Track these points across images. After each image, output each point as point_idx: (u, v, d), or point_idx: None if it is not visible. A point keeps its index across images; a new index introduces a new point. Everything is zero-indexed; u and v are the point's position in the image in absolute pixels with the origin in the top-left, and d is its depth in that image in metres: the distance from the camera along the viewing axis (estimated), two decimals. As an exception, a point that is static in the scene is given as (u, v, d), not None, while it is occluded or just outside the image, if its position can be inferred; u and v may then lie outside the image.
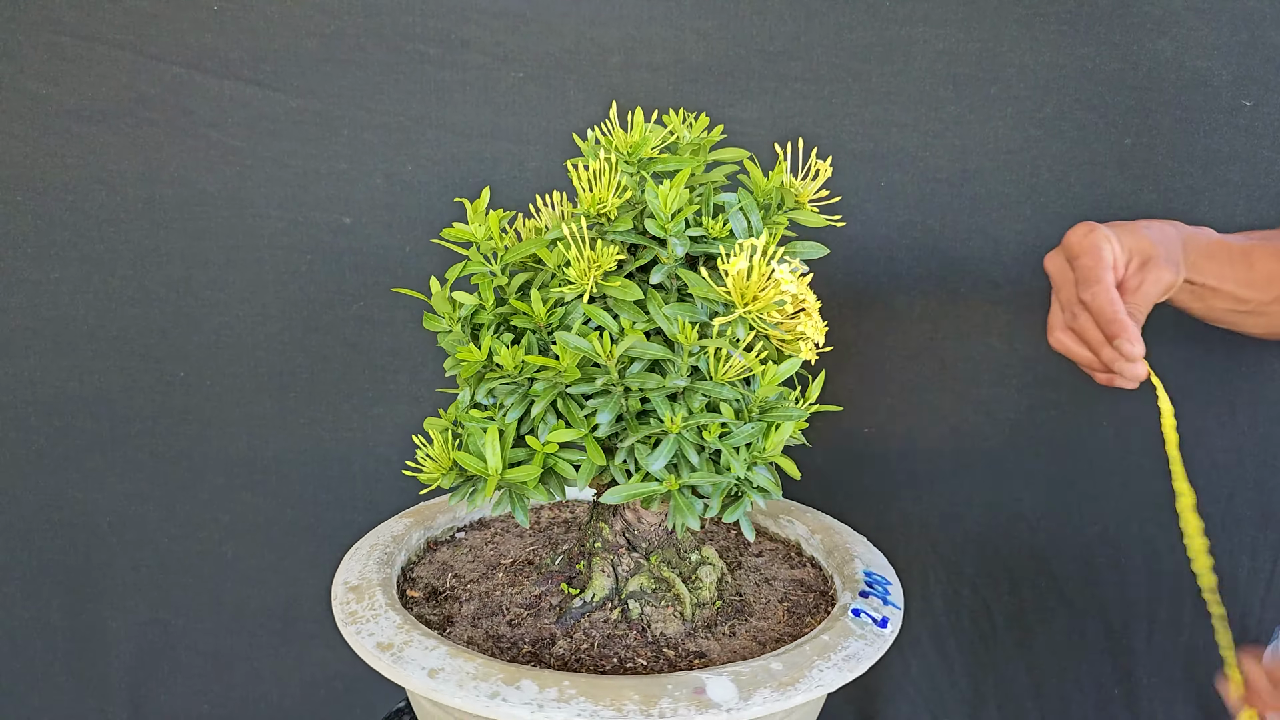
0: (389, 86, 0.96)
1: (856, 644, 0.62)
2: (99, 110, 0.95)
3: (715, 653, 0.64)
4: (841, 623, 0.64)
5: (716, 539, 0.81)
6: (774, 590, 0.73)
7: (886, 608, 0.67)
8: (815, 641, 0.62)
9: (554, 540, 0.76)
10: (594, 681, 0.56)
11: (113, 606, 1.08)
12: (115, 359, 1.01)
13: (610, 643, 0.64)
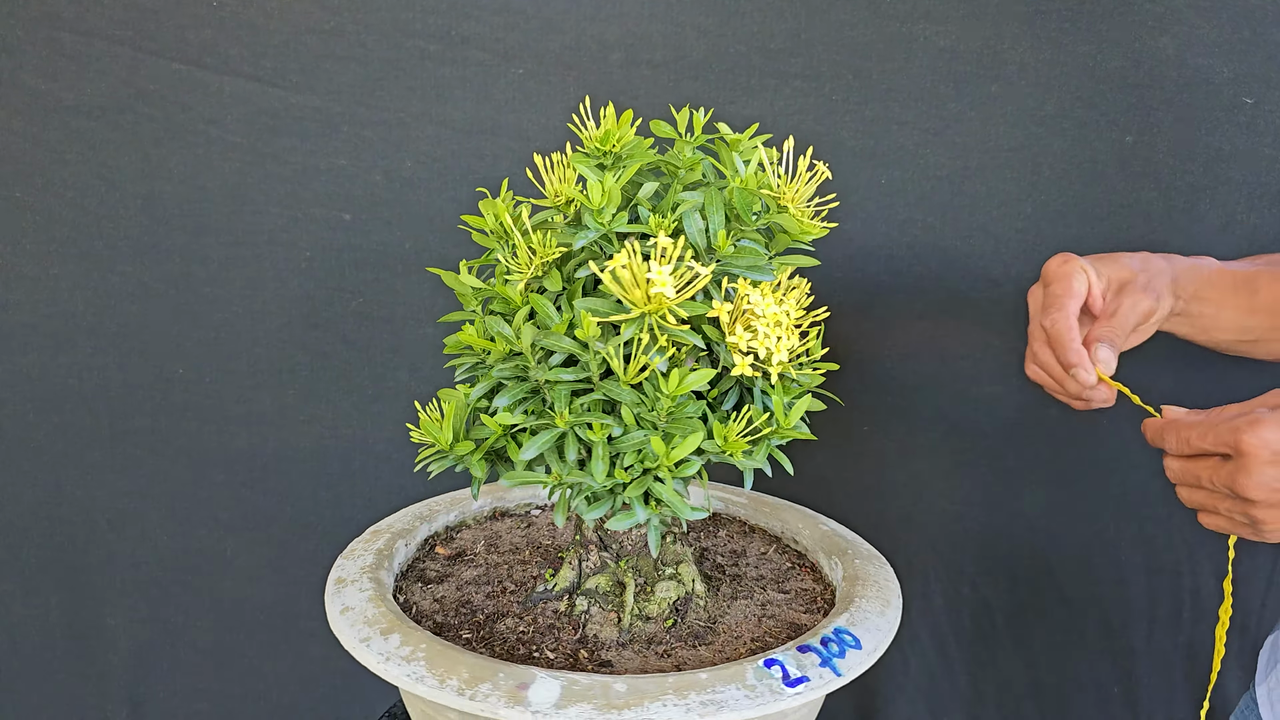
0: (389, 83, 0.96)
1: (733, 693, 0.55)
2: (98, 106, 0.95)
3: (623, 664, 0.62)
4: (746, 667, 0.58)
5: (721, 549, 0.79)
6: (750, 614, 0.68)
7: (822, 668, 0.59)
8: (694, 674, 0.57)
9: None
10: (444, 651, 0.58)
11: (112, 603, 1.08)
12: (114, 355, 1.01)
13: (545, 632, 0.65)
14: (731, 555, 0.78)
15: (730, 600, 0.70)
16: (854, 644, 0.61)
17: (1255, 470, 0.61)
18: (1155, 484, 1.06)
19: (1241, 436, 0.61)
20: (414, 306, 1.01)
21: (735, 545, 0.80)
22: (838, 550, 0.76)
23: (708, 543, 0.80)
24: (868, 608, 0.66)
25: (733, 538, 0.82)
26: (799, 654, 0.59)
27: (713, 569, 0.74)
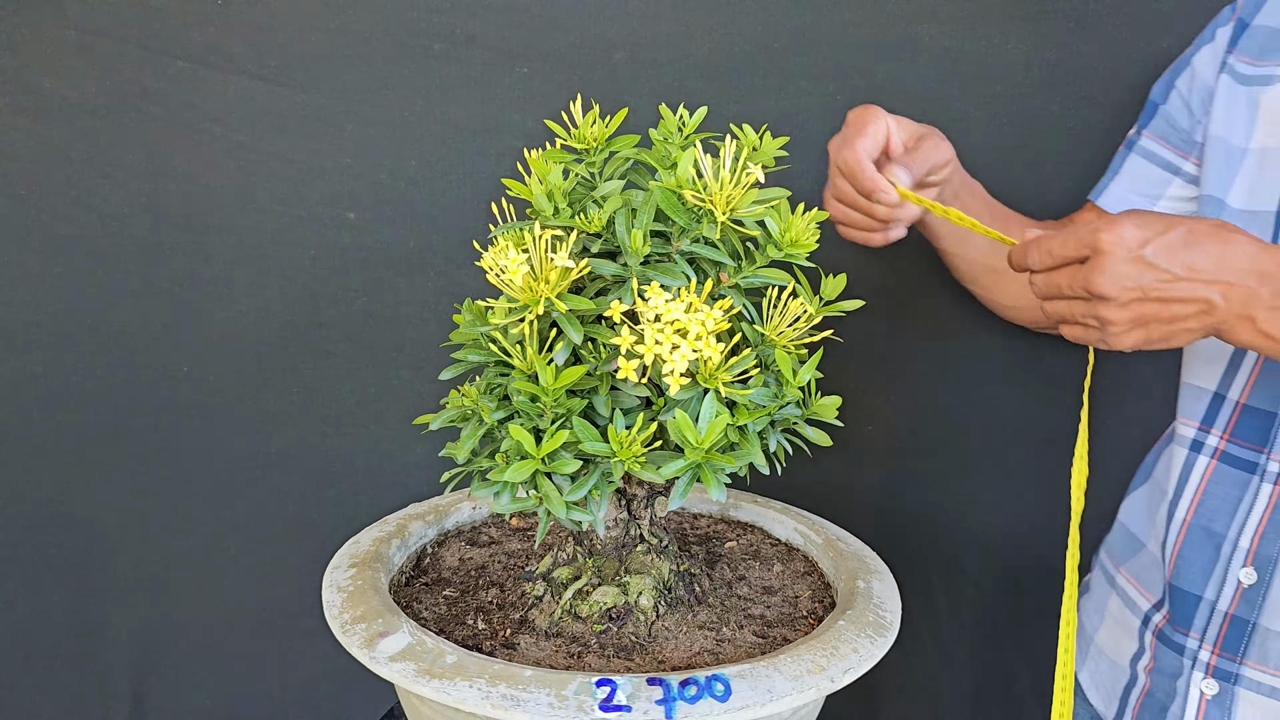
0: (394, 82, 0.96)
1: (540, 698, 0.54)
2: (103, 104, 0.95)
3: (525, 652, 0.62)
4: (576, 679, 0.56)
5: (736, 557, 0.77)
6: (698, 638, 0.65)
7: (658, 705, 0.54)
8: (520, 669, 0.56)
9: None
10: (372, 604, 0.63)
11: (115, 601, 1.07)
12: (119, 354, 1.01)
13: (504, 606, 0.67)
14: (738, 565, 0.75)
15: (687, 618, 0.66)
16: (719, 696, 0.54)
17: (1110, 267, 0.63)
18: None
19: (1099, 235, 0.63)
20: (418, 305, 1.01)
21: (746, 553, 0.77)
22: (849, 575, 0.71)
23: (716, 548, 0.78)
24: (840, 645, 0.59)
25: (753, 547, 0.78)
26: (647, 685, 0.55)
27: (703, 581, 0.70)
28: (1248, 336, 0.65)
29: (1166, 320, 0.65)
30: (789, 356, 0.56)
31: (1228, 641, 0.75)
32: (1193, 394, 0.80)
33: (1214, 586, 0.76)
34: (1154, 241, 0.63)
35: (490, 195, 0.72)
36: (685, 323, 0.53)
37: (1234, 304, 0.64)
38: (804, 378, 0.57)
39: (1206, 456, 0.78)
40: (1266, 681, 0.74)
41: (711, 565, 0.72)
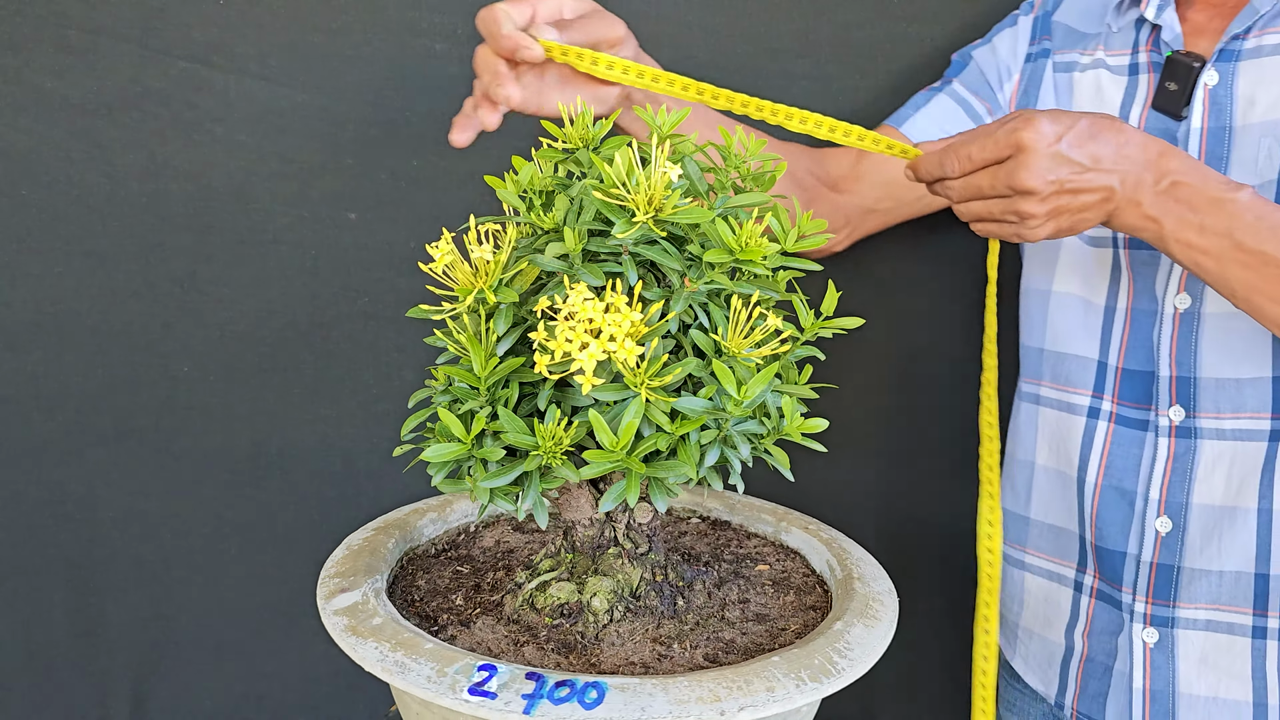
0: (395, 82, 0.96)
1: (420, 669, 0.56)
2: (104, 104, 0.95)
3: (474, 633, 0.64)
4: (464, 660, 0.57)
5: (726, 558, 0.76)
6: (643, 646, 0.64)
7: (521, 699, 0.54)
8: (423, 643, 0.58)
9: None
10: (354, 555, 0.68)
11: (115, 601, 1.07)
12: (119, 354, 1.01)
13: (489, 589, 0.70)
14: (750, 589, 0.71)
15: (648, 628, 0.64)
16: (587, 703, 0.53)
17: (1035, 162, 0.67)
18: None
19: (1021, 135, 0.67)
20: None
21: (770, 578, 0.73)
22: (846, 586, 0.69)
23: (705, 551, 0.76)
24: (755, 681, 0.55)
25: (785, 574, 0.75)
26: (525, 678, 0.55)
27: (697, 596, 0.68)
28: (1134, 220, 0.71)
29: (1076, 210, 0.70)
30: (729, 371, 0.54)
31: (1158, 589, 0.80)
32: (1080, 364, 0.85)
33: (1135, 541, 0.81)
34: (1066, 135, 0.68)
35: (492, 195, 0.73)
36: (600, 322, 0.53)
37: (1128, 190, 0.70)
38: (752, 393, 0.54)
39: (1105, 421, 0.84)
40: (1200, 616, 0.79)
41: (720, 584, 0.70)
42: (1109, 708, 0.84)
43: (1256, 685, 0.77)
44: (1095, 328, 0.85)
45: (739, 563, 0.73)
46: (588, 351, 0.52)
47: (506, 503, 0.59)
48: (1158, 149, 0.69)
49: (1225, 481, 0.78)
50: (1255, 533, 0.76)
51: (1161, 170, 0.69)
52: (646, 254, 0.56)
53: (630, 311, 0.53)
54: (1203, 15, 0.81)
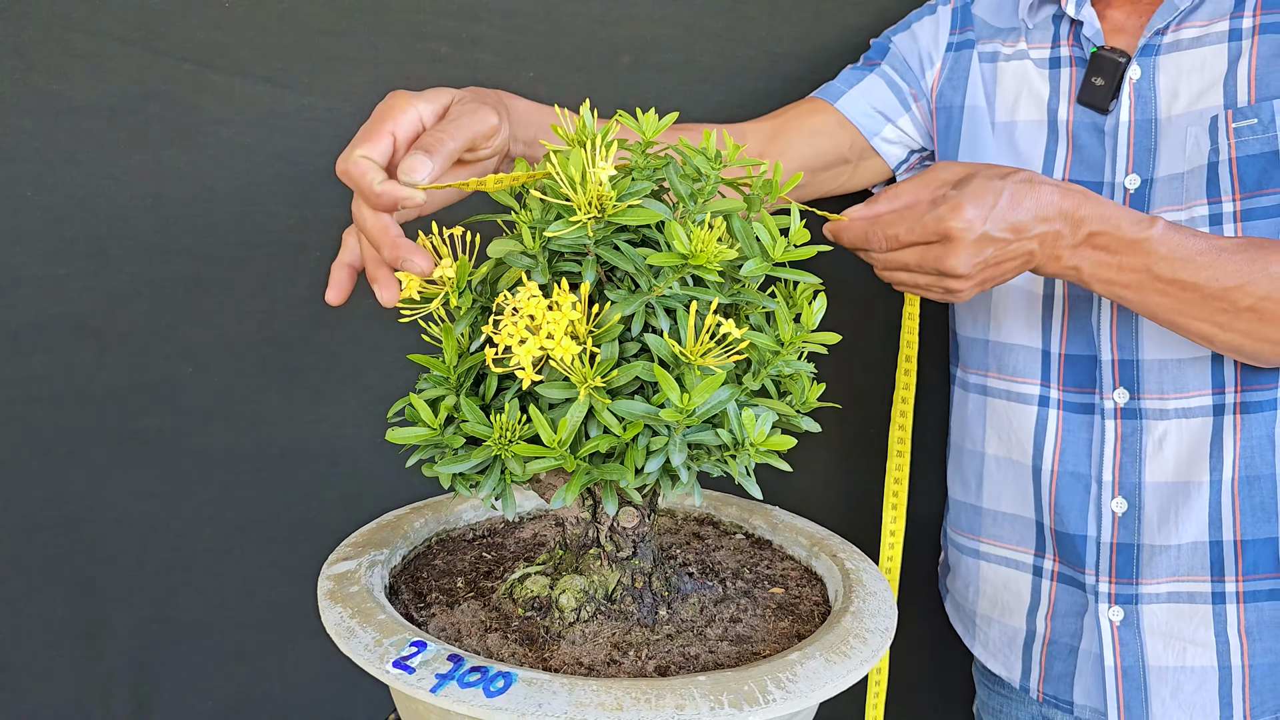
0: (399, 85, 0.93)
1: (362, 637, 0.59)
2: (108, 106, 0.95)
3: (453, 615, 0.67)
4: (400, 636, 0.59)
5: (724, 564, 0.76)
6: (603, 650, 0.63)
7: (436, 677, 0.55)
8: (385, 621, 0.61)
9: None
10: (372, 533, 0.74)
11: (117, 602, 1.07)
12: (123, 355, 1.01)
13: (490, 576, 0.73)
14: (747, 610, 0.70)
15: (616, 632, 0.64)
16: (491, 690, 0.54)
17: (962, 250, 0.71)
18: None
19: (948, 225, 0.70)
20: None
21: (777, 603, 0.72)
22: (838, 618, 0.66)
23: (732, 567, 0.75)
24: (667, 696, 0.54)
25: (794, 601, 0.73)
26: (447, 660, 0.56)
27: (685, 609, 0.68)
28: (1055, 269, 0.75)
29: (999, 276, 0.74)
30: (669, 376, 0.53)
31: (1120, 568, 0.83)
32: (1024, 354, 0.88)
33: (1093, 523, 0.84)
34: (990, 216, 0.71)
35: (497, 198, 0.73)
36: (541, 319, 0.54)
37: (1047, 248, 0.74)
38: (696, 402, 0.52)
39: (1054, 409, 0.86)
40: (1162, 590, 0.82)
41: (721, 601, 0.69)
42: (1076, 687, 0.86)
43: (1220, 649, 0.80)
44: (1036, 317, 0.87)
45: (757, 583, 0.72)
46: (525, 347, 0.54)
47: (462, 487, 0.61)
48: (1073, 202, 0.72)
49: (1175, 459, 0.81)
50: (1207, 504, 0.80)
51: (1077, 222, 0.72)
52: (604, 255, 0.56)
53: (569, 310, 0.54)
54: (1121, 12, 0.84)
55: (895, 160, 0.95)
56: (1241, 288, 0.72)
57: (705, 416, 0.53)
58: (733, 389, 0.54)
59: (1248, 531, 0.79)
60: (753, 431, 0.54)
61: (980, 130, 0.88)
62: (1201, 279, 0.72)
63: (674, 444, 0.54)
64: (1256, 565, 0.79)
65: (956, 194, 0.71)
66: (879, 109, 0.93)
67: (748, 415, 0.54)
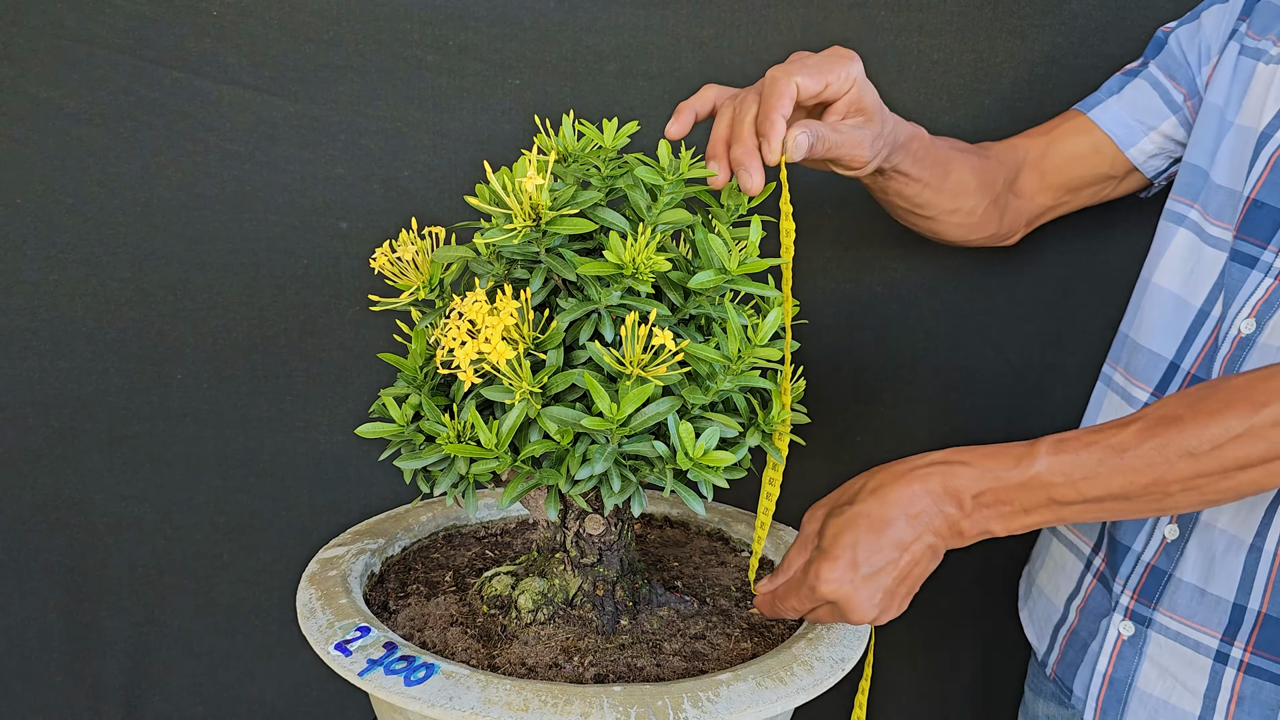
0: (387, 92, 0.96)
1: (318, 620, 0.62)
2: (98, 113, 0.95)
3: (426, 606, 0.69)
4: (349, 620, 0.62)
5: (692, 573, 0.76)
6: (553, 651, 0.63)
7: (367, 663, 0.58)
8: (340, 602, 0.64)
9: None
10: (378, 523, 0.77)
11: (108, 607, 1.08)
12: (113, 361, 1.01)
13: (481, 573, 0.74)
14: (716, 629, 0.69)
15: (570, 637, 0.64)
16: (412, 679, 0.55)
17: (855, 605, 0.65)
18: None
19: (821, 592, 0.65)
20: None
21: (751, 624, 0.71)
22: (794, 642, 0.66)
23: (721, 583, 0.75)
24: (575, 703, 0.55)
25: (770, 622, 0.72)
26: (383, 647, 0.59)
27: (649, 621, 0.67)
28: (973, 537, 0.69)
29: (914, 580, 0.69)
30: (597, 385, 0.53)
31: (1146, 589, 0.81)
32: (1147, 358, 0.83)
33: (1143, 539, 0.81)
34: (859, 559, 0.65)
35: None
36: (481, 323, 0.55)
37: (944, 535, 0.68)
38: (625, 412, 0.52)
39: None
40: (1173, 627, 0.79)
41: (692, 617, 0.68)
42: (1077, 679, 0.86)
43: (1206, 705, 0.78)
44: (1181, 329, 0.81)
45: (741, 603, 0.72)
46: (463, 349, 0.55)
47: (423, 484, 0.63)
48: (938, 480, 0.67)
49: (1234, 507, 0.76)
50: (1243, 564, 0.76)
51: (956, 494, 0.67)
52: (550, 263, 0.57)
53: (507, 316, 0.55)
54: None
55: (1154, 172, 0.90)
56: (1161, 480, 0.64)
57: (641, 427, 0.53)
58: (674, 401, 0.54)
59: (1274, 608, 0.75)
60: (690, 445, 0.53)
61: (1219, 128, 0.81)
62: (1115, 487, 0.65)
63: (601, 453, 0.55)
64: (1272, 645, 0.75)
65: (818, 553, 0.67)
66: (1140, 118, 0.87)
67: (685, 428, 0.54)
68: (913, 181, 0.82)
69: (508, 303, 0.55)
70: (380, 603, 0.70)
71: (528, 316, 0.56)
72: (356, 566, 0.70)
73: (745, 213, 0.61)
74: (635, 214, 0.59)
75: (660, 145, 0.60)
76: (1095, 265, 1.03)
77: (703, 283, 0.55)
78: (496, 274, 0.59)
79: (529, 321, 0.56)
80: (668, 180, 0.59)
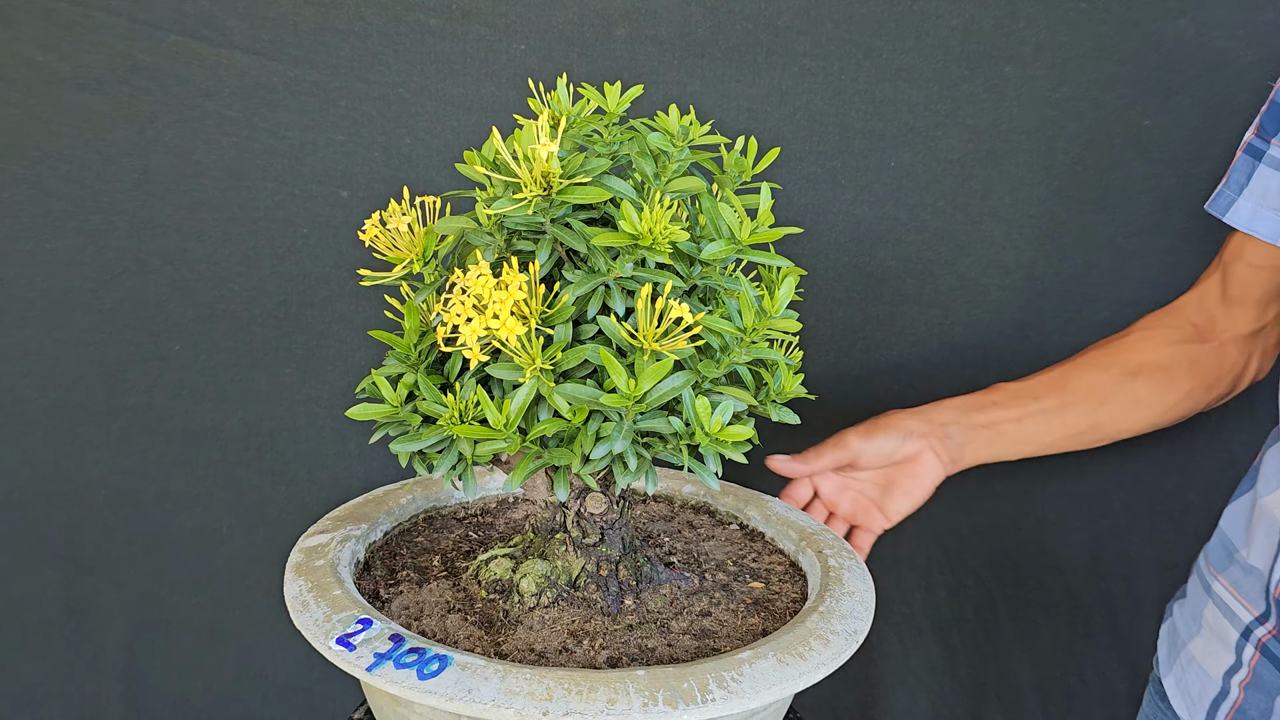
0: (388, 57, 0.94)
1: (314, 612, 0.60)
2: (94, 78, 0.93)
3: (420, 593, 0.67)
4: (347, 614, 0.59)
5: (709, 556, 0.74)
6: (556, 636, 0.62)
7: (378, 656, 0.55)
8: (333, 594, 0.62)
9: None
10: (373, 499, 0.76)
11: (107, 580, 1.07)
12: (110, 331, 1.00)
13: (471, 555, 0.72)
14: (719, 604, 0.67)
15: (576, 620, 0.63)
16: (425, 673, 0.53)
17: None
18: (1170, 478, 1.04)
19: None
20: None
21: (755, 597, 0.69)
22: (803, 618, 0.64)
23: (716, 558, 0.73)
24: (596, 690, 0.52)
25: (773, 595, 0.70)
26: (389, 639, 0.56)
27: (652, 599, 0.66)
28: None
29: None
30: (615, 361, 0.51)
31: None
32: None
33: None
34: None
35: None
36: (488, 299, 0.52)
37: None
38: (644, 388, 0.50)
39: None
40: None
41: (695, 594, 0.66)
42: None
43: None
44: None
45: (739, 576, 0.70)
46: (470, 326, 0.52)
47: (420, 467, 0.61)
48: None
49: None
50: None
51: None
52: (558, 234, 0.54)
53: (515, 290, 0.52)
54: None
55: None
56: None
57: (657, 403, 0.51)
58: (689, 375, 0.52)
59: None
60: (707, 421, 0.51)
61: None
62: None
63: (619, 431, 0.52)
64: None
65: None
66: (1274, 206, 0.77)
67: (702, 403, 0.51)
68: (1018, 424, 0.85)
69: (515, 275, 0.52)
70: (371, 591, 0.68)
71: (535, 290, 0.53)
72: (344, 554, 0.68)
73: (750, 179, 0.58)
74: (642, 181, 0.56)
75: (670, 110, 0.58)
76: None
77: (714, 254, 0.53)
78: (498, 246, 0.56)
79: (536, 295, 0.53)
80: (678, 146, 0.57)
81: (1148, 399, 0.84)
